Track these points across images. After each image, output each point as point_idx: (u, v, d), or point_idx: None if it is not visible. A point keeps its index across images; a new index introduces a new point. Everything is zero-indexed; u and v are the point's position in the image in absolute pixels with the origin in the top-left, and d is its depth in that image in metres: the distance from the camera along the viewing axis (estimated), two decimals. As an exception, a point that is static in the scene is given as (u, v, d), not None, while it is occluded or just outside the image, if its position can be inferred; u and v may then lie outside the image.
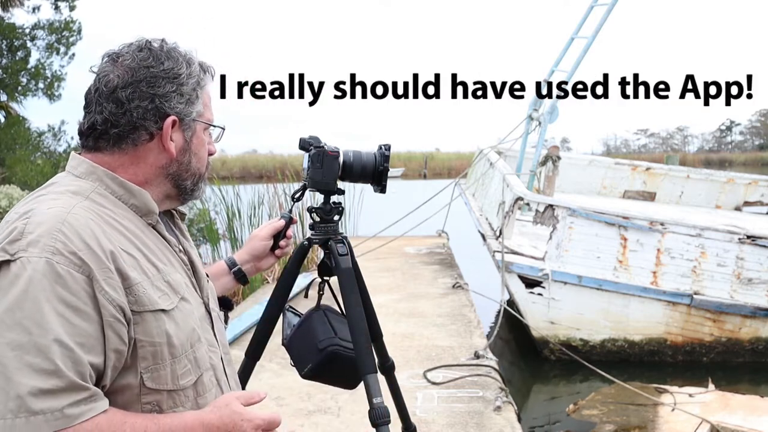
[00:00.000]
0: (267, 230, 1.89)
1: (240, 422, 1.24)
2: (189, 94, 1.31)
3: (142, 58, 1.28)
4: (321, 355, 1.95)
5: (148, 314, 1.17)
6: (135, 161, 1.30)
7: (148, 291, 1.18)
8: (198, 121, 1.35)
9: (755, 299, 6.72)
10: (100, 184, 1.26)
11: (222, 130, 1.44)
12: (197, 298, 1.36)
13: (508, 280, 6.85)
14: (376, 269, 8.65)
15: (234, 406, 1.26)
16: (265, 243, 1.87)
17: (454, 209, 10.02)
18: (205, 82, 1.37)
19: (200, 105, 1.35)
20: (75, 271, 1.09)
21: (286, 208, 11.10)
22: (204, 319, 1.36)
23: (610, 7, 8.78)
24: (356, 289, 2.01)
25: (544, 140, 9.84)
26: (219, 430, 1.22)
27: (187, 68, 1.32)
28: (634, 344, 7.00)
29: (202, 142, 1.37)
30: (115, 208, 1.25)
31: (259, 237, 1.88)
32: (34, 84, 21.91)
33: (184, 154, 1.33)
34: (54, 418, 1.02)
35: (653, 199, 12.28)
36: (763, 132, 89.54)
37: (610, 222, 6.74)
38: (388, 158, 2.04)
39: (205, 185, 1.42)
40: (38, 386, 1.01)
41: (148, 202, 1.29)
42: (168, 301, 1.22)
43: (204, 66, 1.37)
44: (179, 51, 1.33)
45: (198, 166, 1.37)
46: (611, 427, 5.03)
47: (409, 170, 50.77)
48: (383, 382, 2.10)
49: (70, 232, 1.11)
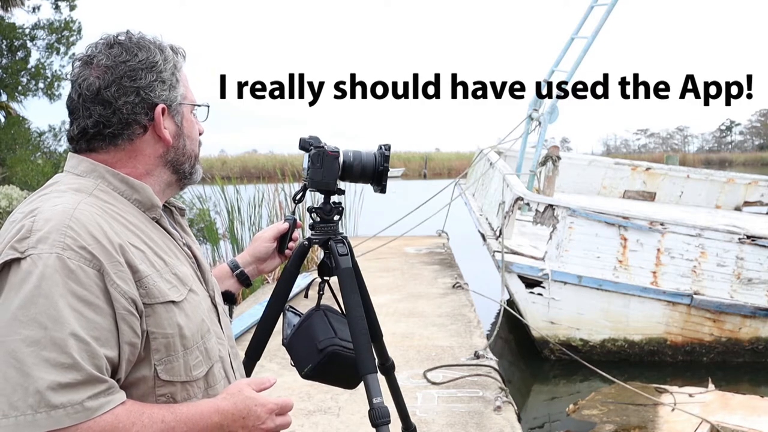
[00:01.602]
0: (270, 232, 1.89)
1: (254, 407, 1.27)
2: (170, 79, 1.32)
3: (116, 54, 1.27)
4: (321, 355, 1.95)
5: (159, 306, 1.18)
6: (133, 155, 1.30)
7: (158, 283, 1.19)
8: (184, 103, 1.36)
9: (755, 299, 6.72)
10: (102, 181, 1.26)
11: (207, 108, 1.45)
12: (203, 290, 1.37)
13: (508, 280, 6.85)
14: (376, 269, 8.65)
15: (247, 392, 1.28)
16: (268, 245, 1.87)
17: (454, 209, 10.02)
18: (180, 64, 1.37)
19: (182, 87, 1.36)
20: (86, 265, 1.09)
21: (286, 207, 11.08)
22: (211, 312, 1.37)
23: (610, 7, 8.79)
24: (356, 289, 2.01)
25: (544, 140, 9.85)
26: (234, 416, 1.25)
27: (161, 54, 1.32)
28: (634, 344, 7.00)
29: (192, 123, 1.39)
30: (118, 203, 1.25)
31: (263, 239, 1.88)
32: (34, 84, 21.92)
33: (178, 139, 1.35)
34: (74, 411, 1.03)
35: (653, 199, 12.29)
36: (763, 132, 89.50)
37: (610, 222, 6.74)
38: (388, 158, 2.04)
39: (200, 166, 1.44)
40: (57, 380, 1.02)
41: (151, 197, 1.30)
42: (177, 292, 1.23)
43: (174, 48, 1.37)
44: (148, 39, 1.33)
45: (192, 148, 1.39)
46: (611, 427, 5.03)
47: (409, 170, 50.78)
48: (383, 382, 2.10)
49: (79, 227, 1.12)
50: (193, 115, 1.41)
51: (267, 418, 1.30)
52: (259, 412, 1.27)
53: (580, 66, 9.01)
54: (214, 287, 1.45)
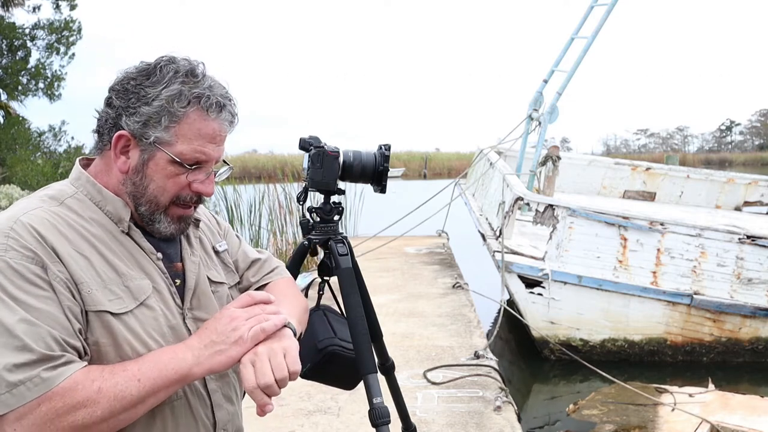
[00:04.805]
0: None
1: (229, 322, 1.25)
2: (149, 115, 1.25)
3: (138, 69, 1.29)
4: (320, 354, 1.95)
5: (91, 314, 1.19)
6: (107, 168, 1.33)
7: (92, 292, 1.20)
8: (159, 148, 1.27)
9: (755, 299, 6.72)
10: (83, 189, 1.31)
11: (218, 171, 1.38)
12: (173, 308, 1.32)
13: (508, 280, 6.84)
14: (376, 269, 8.65)
15: (217, 314, 1.29)
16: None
17: (454, 209, 10.02)
18: (185, 114, 1.26)
19: (168, 133, 1.26)
20: (29, 263, 1.15)
21: (286, 207, 11.00)
22: (177, 330, 1.30)
23: (610, 7, 8.79)
24: (356, 289, 2.00)
25: (544, 140, 9.85)
26: (206, 343, 1.23)
27: (163, 90, 1.25)
28: (634, 344, 7.00)
29: (165, 172, 1.29)
30: (88, 212, 1.28)
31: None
32: (34, 84, 21.93)
33: (136, 175, 1.29)
34: (34, 384, 1.08)
35: (653, 199, 12.29)
36: (763, 132, 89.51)
37: (610, 222, 6.74)
38: (388, 158, 2.04)
39: (175, 223, 1.34)
40: (12, 362, 1.08)
41: (119, 211, 1.30)
42: (120, 305, 1.22)
43: (204, 99, 1.27)
44: (176, 73, 1.27)
45: (156, 195, 1.30)
46: (611, 427, 5.03)
47: (409, 170, 50.76)
48: (383, 382, 2.10)
49: (21, 229, 1.18)
50: (182, 169, 1.29)
51: (246, 321, 1.25)
52: (236, 325, 1.24)
53: (579, 66, 9.02)
54: (203, 308, 1.37)
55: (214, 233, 1.55)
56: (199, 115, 1.28)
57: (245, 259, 1.60)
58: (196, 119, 1.28)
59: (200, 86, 1.28)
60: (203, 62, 1.33)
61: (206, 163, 1.32)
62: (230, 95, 1.34)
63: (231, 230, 1.64)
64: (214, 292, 1.43)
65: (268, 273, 1.62)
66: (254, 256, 1.62)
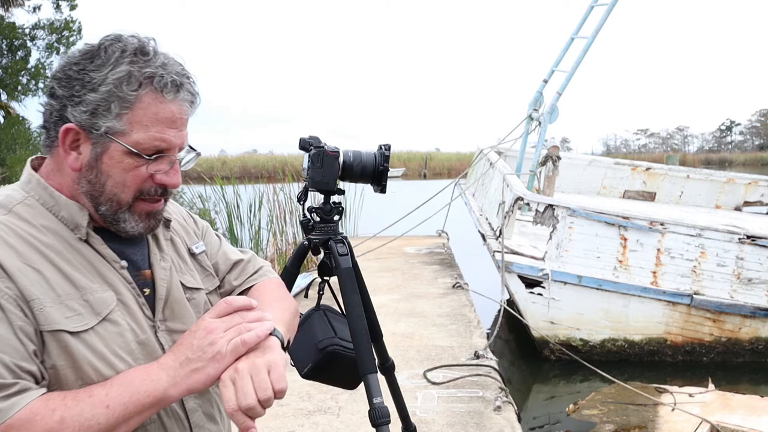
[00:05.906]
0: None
1: (205, 335, 1.11)
2: (97, 103, 1.11)
3: (82, 52, 1.14)
4: (321, 354, 1.95)
5: (46, 334, 1.06)
6: (59, 167, 1.18)
7: (45, 309, 1.06)
8: (112, 139, 1.12)
9: (755, 299, 6.72)
10: (33, 194, 1.17)
11: (183, 159, 1.22)
12: (141, 321, 1.19)
13: (508, 280, 6.84)
14: (376, 269, 8.65)
15: (193, 327, 1.14)
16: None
17: (454, 209, 10.02)
18: (137, 98, 1.12)
19: (120, 121, 1.12)
20: None
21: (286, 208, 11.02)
22: (147, 345, 1.18)
23: (610, 7, 8.78)
24: (356, 289, 2.00)
25: (544, 140, 9.84)
26: (182, 365, 1.10)
27: (110, 72, 1.11)
28: (634, 344, 7.00)
29: (123, 165, 1.14)
30: (39, 220, 1.14)
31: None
32: (34, 84, 21.93)
33: (91, 172, 1.14)
34: None
35: (653, 199, 12.28)
36: (763, 132, 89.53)
37: (610, 222, 6.74)
38: (388, 158, 2.04)
39: (144, 221, 1.20)
40: None
41: (74, 216, 1.16)
42: (79, 322, 1.09)
43: (158, 79, 1.13)
44: (123, 52, 1.12)
45: (115, 192, 1.15)
46: (611, 427, 5.03)
47: (409, 170, 50.77)
48: (383, 382, 2.10)
49: None
50: (141, 160, 1.15)
51: (224, 333, 1.11)
52: (211, 337, 1.10)
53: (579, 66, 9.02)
54: (178, 319, 1.25)
55: (189, 233, 1.40)
56: (154, 97, 1.13)
57: (226, 261, 1.45)
58: (150, 103, 1.13)
59: (152, 65, 1.12)
60: (154, 38, 1.17)
61: (168, 151, 1.16)
62: (188, 72, 1.18)
63: (210, 229, 1.49)
64: (189, 300, 1.29)
65: (252, 275, 1.47)
66: (236, 257, 1.47)
